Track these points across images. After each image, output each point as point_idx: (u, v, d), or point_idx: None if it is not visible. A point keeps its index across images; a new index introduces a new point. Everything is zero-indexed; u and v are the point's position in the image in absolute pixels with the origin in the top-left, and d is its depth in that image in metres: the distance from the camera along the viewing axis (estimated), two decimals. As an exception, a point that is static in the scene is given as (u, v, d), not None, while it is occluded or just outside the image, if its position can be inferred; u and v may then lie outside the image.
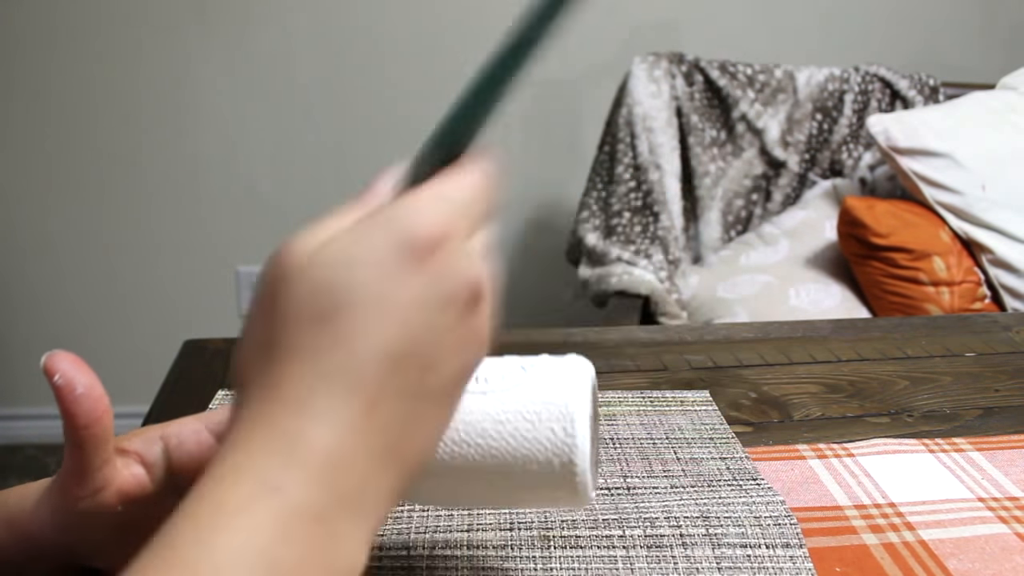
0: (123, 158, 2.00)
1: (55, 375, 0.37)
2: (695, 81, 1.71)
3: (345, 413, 0.30)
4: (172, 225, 2.05)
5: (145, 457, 0.41)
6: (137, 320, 2.11)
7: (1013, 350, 0.80)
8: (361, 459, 0.30)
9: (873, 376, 0.75)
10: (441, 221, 0.31)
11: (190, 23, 1.92)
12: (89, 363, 0.37)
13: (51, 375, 0.37)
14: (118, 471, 0.40)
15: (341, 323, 0.30)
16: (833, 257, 1.59)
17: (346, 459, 0.29)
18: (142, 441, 0.42)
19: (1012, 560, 0.50)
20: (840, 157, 1.76)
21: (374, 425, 0.30)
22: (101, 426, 0.38)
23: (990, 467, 0.60)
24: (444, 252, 0.31)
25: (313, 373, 0.30)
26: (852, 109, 1.74)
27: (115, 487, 0.40)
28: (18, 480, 2.03)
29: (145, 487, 0.41)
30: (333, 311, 0.30)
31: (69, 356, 0.37)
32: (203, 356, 0.77)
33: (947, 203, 1.51)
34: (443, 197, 0.32)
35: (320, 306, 0.30)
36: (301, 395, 0.30)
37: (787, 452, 0.61)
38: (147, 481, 0.41)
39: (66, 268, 2.06)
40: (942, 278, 1.46)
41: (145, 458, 0.41)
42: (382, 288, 0.30)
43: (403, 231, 0.31)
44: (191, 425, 0.43)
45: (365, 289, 0.30)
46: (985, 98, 1.63)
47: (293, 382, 0.30)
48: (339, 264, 0.30)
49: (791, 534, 0.50)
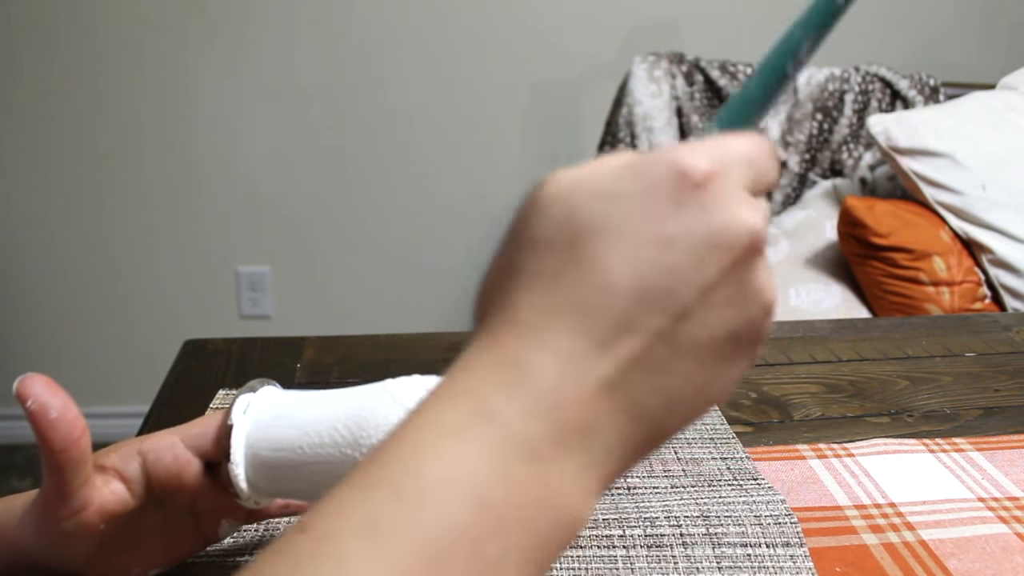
0: (123, 158, 2.00)
1: (27, 400, 0.36)
2: (695, 81, 1.71)
3: (580, 346, 0.27)
4: (172, 225, 2.05)
5: (123, 473, 0.41)
6: (137, 320, 2.11)
7: (1013, 350, 0.80)
8: (592, 399, 0.27)
9: (873, 376, 0.75)
10: (716, 160, 0.28)
11: (190, 23, 1.92)
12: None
13: (24, 400, 0.36)
14: (98, 489, 0.40)
15: (590, 250, 0.28)
16: (833, 257, 1.59)
17: (574, 395, 0.27)
18: (119, 457, 0.41)
19: (1012, 560, 0.50)
20: (840, 157, 1.76)
21: (611, 364, 0.27)
22: (78, 448, 0.37)
23: (990, 467, 0.60)
24: (717, 190, 0.28)
25: (551, 300, 0.27)
26: (852, 109, 1.74)
27: (96, 506, 0.40)
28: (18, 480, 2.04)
29: (126, 503, 0.41)
30: (584, 237, 0.28)
31: (42, 379, 0.37)
32: (203, 356, 0.77)
33: (947, 203, 1.51)
34: (720, 144, 0.29)
35: (571, 232, 0.28)
36: (535, 322, 0.27)
37: (787, 452, 0.61)
38: (128, 497, 0.41)
39: (66, 268, 2.06)
40: (942, 278, 1.46)
41: (123, 474, 0.41)
42: (640, 218, 0.28)
43: (672, 164, 0.28)
44: (167, 439, 0.42)
45: (621, 218, 0.28)
46: (985, 98, 1.63)
47: (529, 308, 0.28)
48: (599, 194, 0.28)
49: (791, 533, 0.50)
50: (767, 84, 0.33)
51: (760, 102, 0.33)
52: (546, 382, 0.27)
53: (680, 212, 0.28)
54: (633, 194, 0.28)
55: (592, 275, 0.27)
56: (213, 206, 2.05)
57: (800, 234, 1.64)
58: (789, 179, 1.75)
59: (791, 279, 1.55)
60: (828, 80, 1.74)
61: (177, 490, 0.42)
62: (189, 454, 0.42)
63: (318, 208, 2.05)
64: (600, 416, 0.27)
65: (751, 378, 0.74)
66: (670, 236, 0.27)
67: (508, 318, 0.28)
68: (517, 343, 0.27)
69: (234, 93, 1.97)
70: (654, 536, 0.50)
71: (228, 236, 2.07)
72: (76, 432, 0.37)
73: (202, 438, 0.42)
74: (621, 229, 0.28)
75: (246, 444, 0.41)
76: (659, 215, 0.28)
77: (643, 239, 0.27)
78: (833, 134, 1.75)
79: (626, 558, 0.48)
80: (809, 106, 1.73)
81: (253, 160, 2.02)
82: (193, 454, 0.42)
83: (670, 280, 0.27)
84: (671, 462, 0.59)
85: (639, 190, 0.28)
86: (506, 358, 0.27)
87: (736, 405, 0.69)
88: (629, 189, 0.28)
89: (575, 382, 0.27)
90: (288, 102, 1.99)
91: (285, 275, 2.10)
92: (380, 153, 2.03)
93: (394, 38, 1.95)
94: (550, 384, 0.27)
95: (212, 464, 0.42)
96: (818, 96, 1.73)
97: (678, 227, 0.27)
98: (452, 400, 0.27)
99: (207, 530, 0.44)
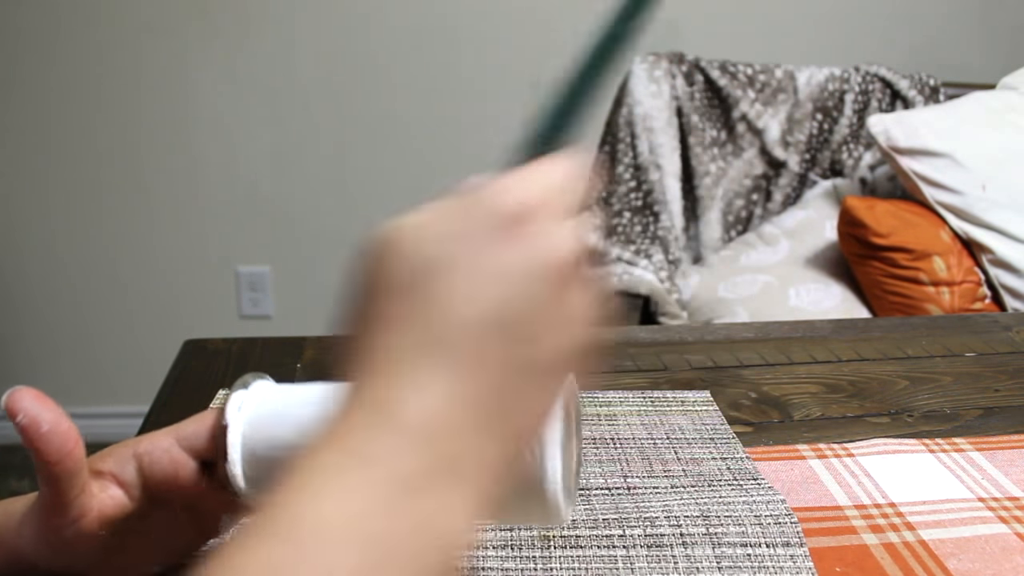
0: (123, 158, 2.00)
1: (18, 415, 0.36)
2: (695, 81, 1.71)
3: (440, 380, 0.29)
4: (172, 225, 2.05)
5: (120, 478, 0.41)
6: (137, 320, 2.11)
7: (1013, 350, 0.80)
8: (458, 427, 0.30)
9: (873, 376, 0.75)
10: (532, 194, 0.32)
11: (190, 24, 1.92)
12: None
13: (14, 416, 0.36)
14: (96, 496, 0.40)
15: (435, 292, 0.30)
16: (833, 257, 1.59)
17: (442, 427, 0.29)
18: (115, 462, 0.41)
19: (1012, 560, 0.50)
20: (840, 157, 1.76)
21: (470, 393, 0.30)
22: (72, 459, 0.37)
23: (990, 467, 0.60)
24: (536, 224, 0.31)
25: (408, 342, 0.30)
26: (852, 109, 1.74)
27: (95, 512, 0.40)
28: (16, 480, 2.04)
29: (125, 507, 0.41)
30: (427, 282, 0.30)
31: (31, 392, 0.37)
32: (203, 356, 0.77)
33: (947, 203, 1.51)
34: (535, 176, 0.33)
35: (414, 278, 0.30)
36: (397, 363, 0.30)
37: (787, 452, 0.61)
38: (126, 501, 0.41)
39: (66, 268, 2.06)
40: (942, 278, 1.46)
41: (120, 478, 0.41)
42: (474, 258, 0.30)
43: (494, 204, 0.31)
44: (162, 441, 0.42)
45: (457, 259, 0.30)
46: (985, 98, 1.63)
47: (390, 351, 0.30)
48: (436, 238, 0.31)
49: (791, 533, 0.50)
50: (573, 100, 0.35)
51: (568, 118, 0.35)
52: (415, 418, 0.29)
53: (507, 248, 0.31)
54: (466, 235, 0.31)
55: (443, 314, 0.30)
56: (213, 206, 2.05)
57: (800, 234, 1.64)
58: (789, 179, 1.75)
59: (791, 279, 1.55)
60: (828, 80, 1.74)
61: (175, 491, 0.42)
62: (185, 455, 0.42)
63: (318, 208, 2.05)
64: (468, 442, 0.30)
65: (751, 378, 0.74)
66: (503, 271, 0.31)
67: (372, 363, 0.30)
68: (384, 385, 0.30)
69: (234, 93, 1.97)
70: (654, 536, 0.50)
71: (228, 236, 2.07)
72: (69, 444, 0.37)
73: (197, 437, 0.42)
74: (461, 268, 0.30)
75: (242, 443, 0.41)
76: (491, 252, 0.31)
77: (482, 276, 0.30)
78: (833, 134, 1.75)
79: (626, 558, 0.48)
80: (809, 106, 1.73)
81: (253, 160, 2.02)
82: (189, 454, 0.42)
83: (510, 310, 0.30)
84: (671, 462, 0.59)
85: (471, 231, 0.31)
86: (376, 400, 0.30)
87: (736, 405, 0.69)
88: (462, 230, 0.31)
89: (441, 415, 0.29)
90: (288, 102, 1.99)
91: (285, 275, 2.10)
92: (380, 153, 2.03)
93: (394, 38, 1.95)
94: (419, 420, 0.29)
95: (209, 462, 0.42)
96: (818, 96, 1.73)
97: (508, 262, 0.31)
98: (332, 445, 0.29)
99: (208, 526, 0.44)
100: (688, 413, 0.66)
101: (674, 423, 0.64)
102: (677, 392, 0.70)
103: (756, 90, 1.72)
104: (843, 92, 1.74)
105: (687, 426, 0.64)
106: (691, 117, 1.70)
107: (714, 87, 1.71)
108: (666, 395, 0.69)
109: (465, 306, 0.30)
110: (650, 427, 0.64)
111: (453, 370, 0.30)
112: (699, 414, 0.66)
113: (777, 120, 1.73)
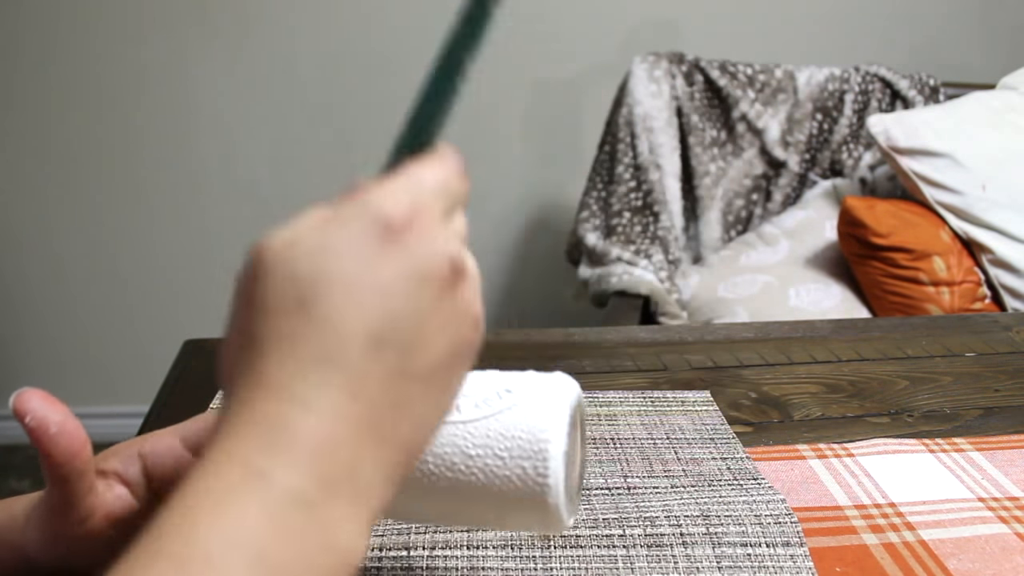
0: (123, 158, 2.00)
1: (26, 417, 0.36)
2: (695, 81, 1.71)
3: (328, 396, 0.29)
4: (172, 225, 2.05)
5: (125, 476, 0.41)
6: (137, 320, 2.11)
7: (1013, 350, 0.80)
8: (349, 442, 0.29)
9: (873, 376, 0.75)
10: (410, 201, 0.32)
11: (190, 23, 1.92)
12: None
13: (22, 417, 0.36)
14: (102, 496, 0.40)
15: (318, 307, 0.30)
16: (833, 257, 1.59)
17: (332, 443, 0.29)
18: (120, 461, 0.41)
19: (1012, 560, 0.50)
20: (840, 157, 1.76)
21: (360, 407, 0.30)
22: (81, 460, 0.37)
23: (990, 467, 0.60)
24: (416, 231, 0.31)
25: (294, 359, 0.30)
26: (852, 109, 1.74)
27: (102, 512, 0.40)
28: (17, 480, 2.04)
29: (131, 506, 0.41)
30: (310, 297, 0.30)
31: (38, 393, 0.37)
32: (203, 356, 0.77)
33: (947, 203, 1.51)
34: (411, 181, 0.33)
35: (297, 294, 0.30)
36: (283, 382, 0.29)
37: (787, 452, 0.61)
38: (131, 500, 0.41)
39: (66, 268, 2.06)
40: (942, 278, 1.46)
41: (125, 477, 0.41)
42: (356, 270, 0.30)
43: (373, 213, 0.31)
44: (166, 440, 0.42)
45: (339, 273, 0.30)
46: (985, 98, 1.63)
47: (274, 370, 0.30)
48: (313, 252, 0.30)
49: (791, 532, 0.50)
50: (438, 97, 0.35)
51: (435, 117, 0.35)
52: (304, 435, 0.29)
53: (388, 257, 0.30)
54: (344, 247, 0.30)
55: (326, 330, 0.30)
56: (213, 206, 2.05)
57: (800, 234, 1.64)
58: (789, 179, 1.75)
59: (791, 279, 1.55)
60: (828, 80, 1.74)
61: None
62: (188, 455, 0.42)
63: (318, 208, 2.05)
64: (359, 454, 0.30)
65: (751, 378, 0.74)
66: (384, 281, 0.30)
67: (258, 382, 0.30)
68: (272, 403, 0.29)
69: (234, 93, 1.97)
70: (654, 536, 0.50)
71: (228, 236, 2.07)
72: (77, 444, 0.37)
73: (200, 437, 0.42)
74: (341, 282, 0.30)
75: None
76: (371, 263, 0.30)
77: (363, 288, 0.30)
78: (833, 134, 1.75)
79: (626, 558, 0.48)
80: (809, 106, 1.73)
81: (253, 160, 2.02)
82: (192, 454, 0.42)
83: (395, 320, 0.30)
84: (671, 462, 0.59)
85: (348, 242, 0.30)
86: (265, 419, 0.29)
87: (736, 405, 0.69)
88: (338, 243, 0.30)
89: (330, 429, 0.29)
90: (288, 102, 1.99)
91: (285, 275, 2.10)
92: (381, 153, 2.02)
93: (394, 38, 1.95)
94: (308, 436, 0.29)
95: None
96: (818, 96, 1.73)
97: (389, 272, 0.30)
98: (221, 466, 0.28)
99: None
100: (688, 413, 0.66)
101: (674, 423, 0.64)
102: (677, 392, 0.70)
103: (756, 90, 1.72)
104: (843, 92, 1.74)
105: (687, 426, 0.64)
106: (691, 117, 1.70)
107: (714, 87, 1.71)
108: (666, 395, 0.69)
109: (351, 322, 0.30)
110: (650, 427, 0.64)
111: (340, 387, 0.29)
112: (699, 414, 0.66)
113: (777, 120, 1.73)
